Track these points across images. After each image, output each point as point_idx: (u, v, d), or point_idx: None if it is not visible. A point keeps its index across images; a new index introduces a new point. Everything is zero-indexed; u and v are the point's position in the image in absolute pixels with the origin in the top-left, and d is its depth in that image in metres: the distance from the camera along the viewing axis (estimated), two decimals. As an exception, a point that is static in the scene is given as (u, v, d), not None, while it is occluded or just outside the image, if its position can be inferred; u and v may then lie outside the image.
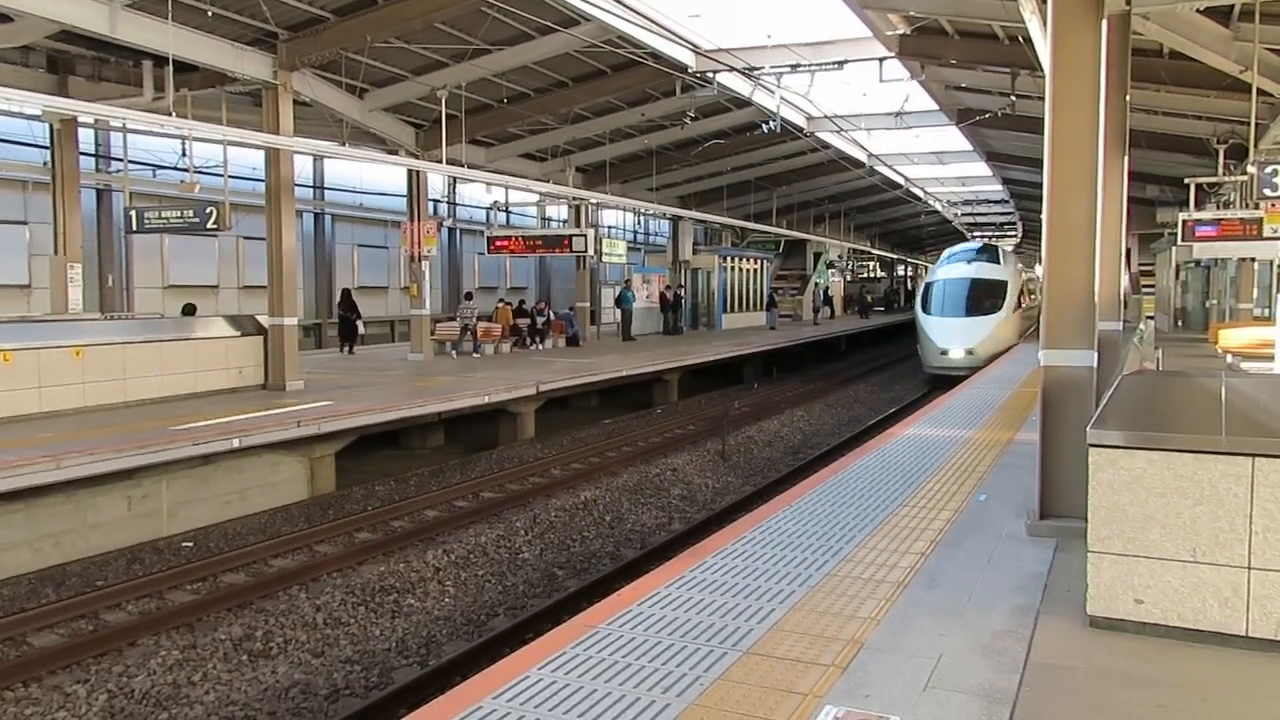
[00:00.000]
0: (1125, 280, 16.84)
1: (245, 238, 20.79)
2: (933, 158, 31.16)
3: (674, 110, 20.98)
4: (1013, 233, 50.53)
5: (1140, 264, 37.27)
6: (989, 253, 26.69)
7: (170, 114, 12.26)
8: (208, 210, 13.52)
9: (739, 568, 5.45)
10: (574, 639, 4.39)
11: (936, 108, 20.84)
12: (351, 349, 21.26)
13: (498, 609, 8.23)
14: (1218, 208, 18.46)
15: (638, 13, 14.86)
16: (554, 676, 3.98)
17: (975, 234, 48.89)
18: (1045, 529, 6.06)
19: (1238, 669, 4.01)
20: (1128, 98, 10.72)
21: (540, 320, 24.05)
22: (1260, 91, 11.76)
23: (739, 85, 19.32)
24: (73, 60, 13.98)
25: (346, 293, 22.07)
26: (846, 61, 16.64)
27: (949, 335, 23.17)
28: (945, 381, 19.46)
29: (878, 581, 5.19)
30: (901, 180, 34.88)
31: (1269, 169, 11.62)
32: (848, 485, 7.67)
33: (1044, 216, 6.28)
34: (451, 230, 28.55)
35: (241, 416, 11.53)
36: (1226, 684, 3.91)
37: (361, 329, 21.84)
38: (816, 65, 16.89)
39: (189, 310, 16.86)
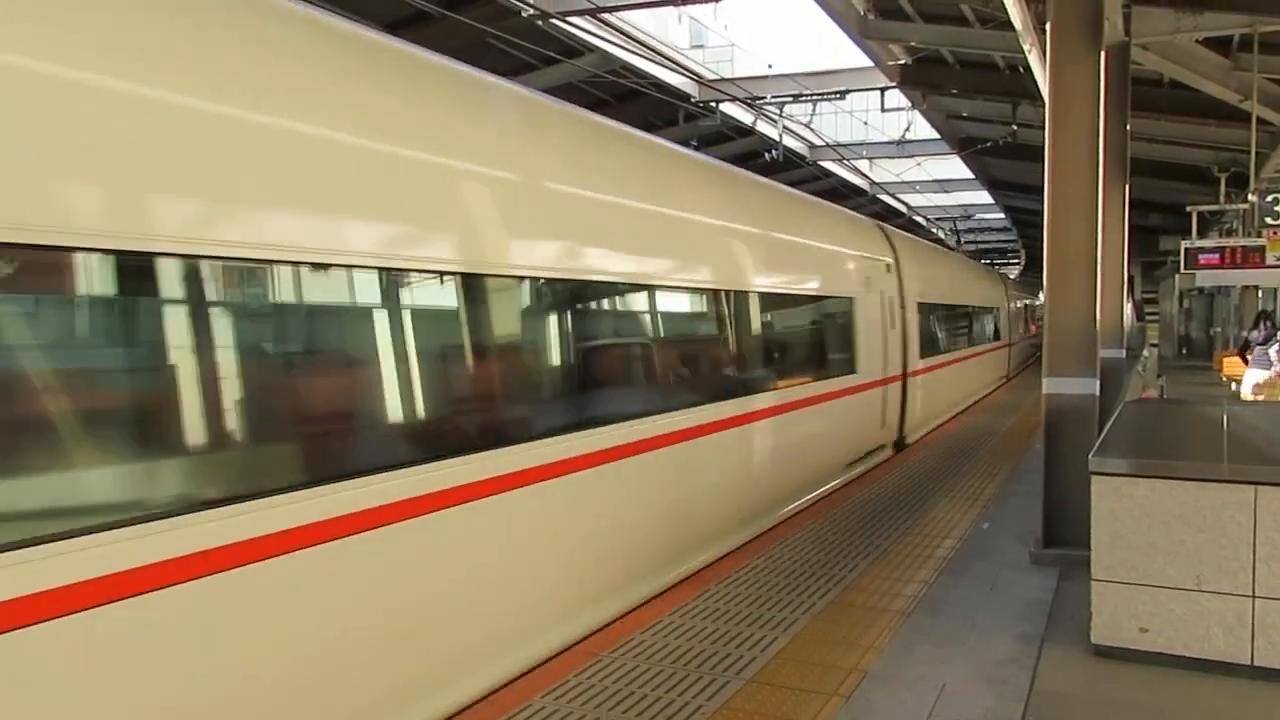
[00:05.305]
0: (1129, 308, 16.86)
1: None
2: (935, 186, 31.26)
3: (677, 139, 21.03)
4: (1016, 260, 50.66)
5: (1144, 291, 37.36)
6: None
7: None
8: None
9: (742, 595, 5.44)
10: (578, 667, 4.38)
11: (938, 136, 20.97)
12: None
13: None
14: (1220, 235, 18.51)
15: (641, 43, 15.02)
16: (557, 705, 3.97)
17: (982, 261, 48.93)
18: (1049, 557, 6.04)
19: (1242, 698, 3.99)
20: (1128, 126, 10.82)
21: None
22: (1260, 120, 11.83)
23: (741, 115, 19.46)
24: None
25: None
26: (848, 91, 16.78)
27: None
28: None
29: (881, 609, 5.18)
30: (904, 209, 35.00)
31: (1270, 197, 11.69)
32: (851, 514, 7.65)
33: (1045, 244, 6.31)
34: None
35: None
36: (1231, 714, 3.89)
37: None
38: (819, 95, 17.03)
39: None
